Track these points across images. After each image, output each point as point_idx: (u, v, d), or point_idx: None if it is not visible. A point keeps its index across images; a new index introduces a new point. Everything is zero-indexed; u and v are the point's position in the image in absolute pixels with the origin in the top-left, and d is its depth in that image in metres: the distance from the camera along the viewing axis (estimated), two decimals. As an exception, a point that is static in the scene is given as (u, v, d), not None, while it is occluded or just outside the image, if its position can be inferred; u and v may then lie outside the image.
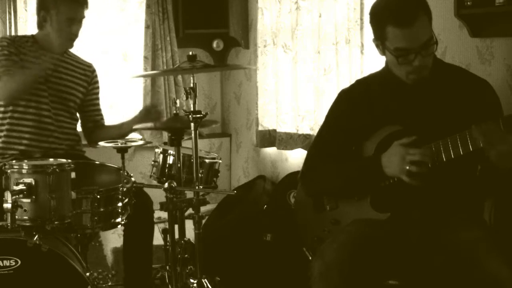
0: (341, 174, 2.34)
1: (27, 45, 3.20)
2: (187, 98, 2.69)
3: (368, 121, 2.32)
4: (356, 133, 2.34)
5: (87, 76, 3.37)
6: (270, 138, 4.24)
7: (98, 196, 2.65)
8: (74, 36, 3.21)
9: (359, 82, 2.49)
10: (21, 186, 2.39)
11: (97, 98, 3.46)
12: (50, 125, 3.20)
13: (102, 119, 3.48)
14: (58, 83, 3.23)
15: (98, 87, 3.46)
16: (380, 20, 2.21)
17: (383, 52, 2.28)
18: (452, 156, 2.11)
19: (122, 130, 3.32)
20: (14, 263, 2.36)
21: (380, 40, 2.24)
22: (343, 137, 2.37)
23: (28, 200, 2.40)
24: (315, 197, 2.49)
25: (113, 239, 3.95)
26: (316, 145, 2.49)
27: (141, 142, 3.00)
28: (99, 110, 3.47)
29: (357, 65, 3.43)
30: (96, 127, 3.44)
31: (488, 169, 2.29)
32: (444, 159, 2.12)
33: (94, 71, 3.43)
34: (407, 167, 2.12)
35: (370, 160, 2.26)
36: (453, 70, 2.38)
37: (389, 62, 2.29)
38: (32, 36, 3.26)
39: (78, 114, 3.38)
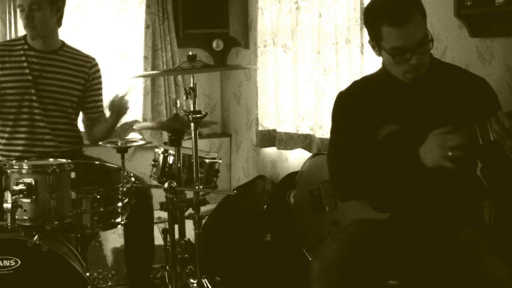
0: (374, 172, 2.27)
1: (16, 48, 3.19)
2: (187, 98, 2.68)
3: (367, 121, 2.31)
4: (358, 132, 2.33)
5: (84, 72, 3.28)
6: (270, 138, 4.24)
7: (98, 196, 2.65)
8: (27, 24, 3.11)
9: (356, 83, 2.48)
10: (21, 186, 2.39)
11: (96, 95, 3.36)
12: (43, 128, 3.18)
13: (100, 116, 3.38)
14: (48, 83, 3.19)
15: (98, 83, 3.36)
16: (375, 20, 2.21)
17: (379, 53, 2.28)
18: (487, 141, 2.04)
19: (107, 124, 3.28)
20: (14, 263, 2.37)
21: (376, 41, 2.24)
22: (355, 136, 2.34)
23: (28, 200, 2.40)
24: (349, 200, 2.43)
25: (113, 239, 3.96)
26: (334, 149, 2.41)
27: (141, 142, 2.99)
28: (98, 107, 3.38)
29: (357, 65, 3.43)
30: (92, 125, 3.37)
31: (489, 167, 2.30)
32: (481, 143, 2.05)
33: (94, 66, 3.33)
34: (450, 153, 2.06)
35: (406, 155, 2.18)
36: (450, 69, 2.38)
37: (386, 62, 2.29)
38: (24, 37, 3.24)
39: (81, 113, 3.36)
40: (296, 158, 4.09)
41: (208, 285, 2.71)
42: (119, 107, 3.19)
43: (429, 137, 2.12)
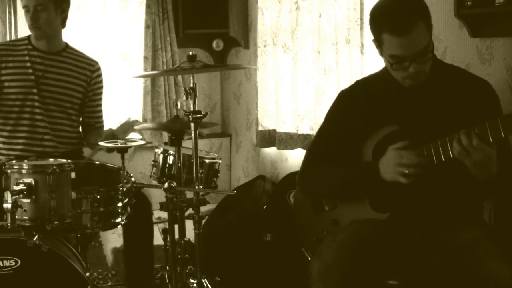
0: (340, 176, 2.34)
1: (19, 48, 3.19)
2: (187, 98, 2.68)
3: (367, 121, 2.32)
4: (355, 133, 2.34)
5: (86, 75, 3.28)
6: (270, 138, 4.24)
7: (98, 196, 2.65)
8: (32, 24, 3.11)
9: (358, 83, 2.48)
10: (21, 186, 2.39)
11: (95, 100, 3.36)
12: (44, 128, 3.18)
13: (98, 122, 3.39)
14: (50, 84, 3.19)
15: (99, 88, 3.36)
16: (377, 25, 2.21)
17: (381, 53, 2.28)
18: (443, 159, 2.11)
19: (103, 135, 3.18)
20: (14, 263, 2.36)
21: (378, 43, 2.24)
22: (343, 138, 2.36)
23: (28, 200, 2.40)
24: (313, 198, 2.49)
25: (113, 239, 3.95)
26: (315, 146, 2.48)
27: (141, 142, 2.98)
28: (95, 112, 3.37)
29: (357, 65, 3.43)
30: (88, 131, 3.37)
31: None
32: (435, 161, 2.12)
33: (95, 70, 3.32)
34: (406, 171, 2.12)
35: (368, 166, 2.26)
36: (452, 71, 2.38)
37: (387, 65, 2.29)
38: (28, 37, 3.24)
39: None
40: (296, 158, 4.09)
41: (208, 285, 2.71)
42: (126, 129, 3.17)
43: (388, 151, 2.19)
